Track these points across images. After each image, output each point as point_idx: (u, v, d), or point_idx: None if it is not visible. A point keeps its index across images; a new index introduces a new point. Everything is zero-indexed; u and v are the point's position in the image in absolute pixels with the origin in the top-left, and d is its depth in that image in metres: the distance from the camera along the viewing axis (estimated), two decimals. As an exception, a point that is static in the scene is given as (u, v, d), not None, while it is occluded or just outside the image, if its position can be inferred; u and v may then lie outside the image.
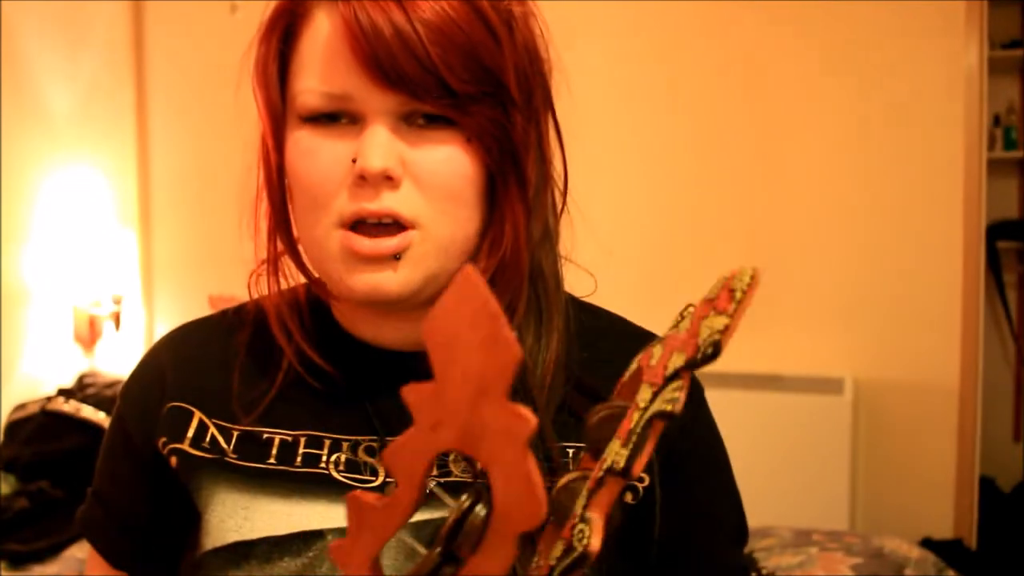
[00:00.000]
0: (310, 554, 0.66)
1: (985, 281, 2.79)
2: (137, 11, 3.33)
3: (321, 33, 0.64)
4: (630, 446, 0.45)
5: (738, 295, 0.45)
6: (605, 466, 0.45)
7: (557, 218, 0.73)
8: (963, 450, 2.69)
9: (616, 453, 0.45)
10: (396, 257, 0.64)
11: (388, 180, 0.63)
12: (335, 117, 0.65)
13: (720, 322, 0.45)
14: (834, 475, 2.61)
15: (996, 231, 3.31)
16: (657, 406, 0.45)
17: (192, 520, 0.71)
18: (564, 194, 0.73)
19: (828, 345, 2.79)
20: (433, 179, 0.64)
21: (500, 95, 0.65)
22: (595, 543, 0.45)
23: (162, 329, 3.31)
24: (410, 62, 0.61)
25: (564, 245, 0.74)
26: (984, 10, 2.65)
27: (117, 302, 3.20)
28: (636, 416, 0.46)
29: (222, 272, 0.78)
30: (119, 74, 3.28)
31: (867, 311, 2.76)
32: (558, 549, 0.46)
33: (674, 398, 0.45)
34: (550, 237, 0.72)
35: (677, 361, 0.46)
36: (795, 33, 2.79)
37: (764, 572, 2.07)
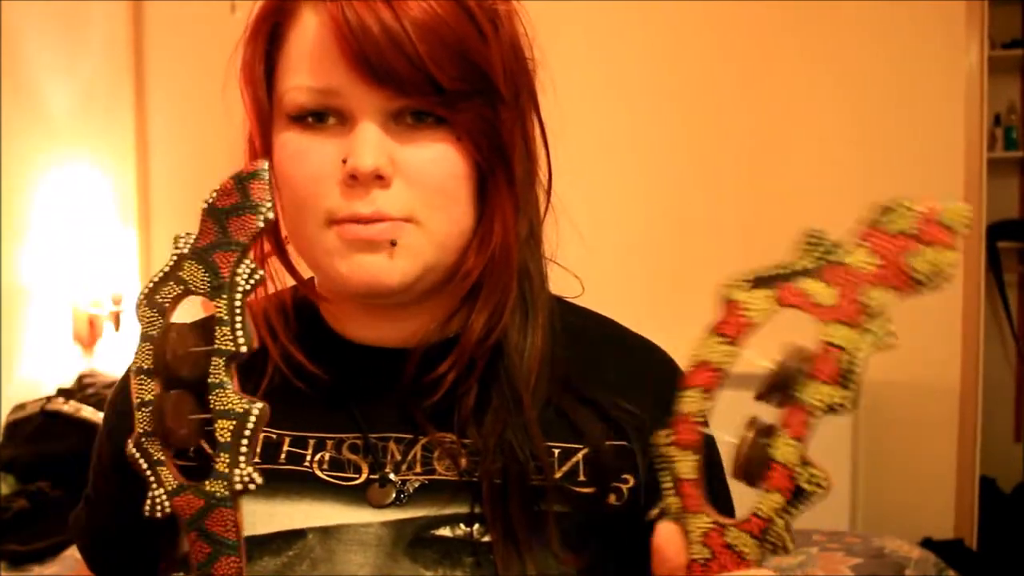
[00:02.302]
0: (290, 553, 0.66)
1: (985, 281, 2.78)
2: (137, 11, 3.32)
3: (308, 31, 0.64)
4: (851, 386, 0.49)
5: (960, 228, 0.48)
6: (820, 411, 0.50)
7: (541, 217, 0.73)
8: (963, 450, 2.69)
9: (828, 395, 0.49)
10: (393, 243, 0.64)
11: (379, 179, 0.63)
12: (322, 117, 0.64)
13: (948, 257, 0.48)
14: (834, 475, 2.59)
15: (996, 231, 3.31)
16: (872, 342, 0.49)
17: (169, 527, 0.71)
18: (548, 193, 0.74)
19: (828, 345, 2.78)
20: (424, 178, 0.64)
21: (488, 92, 0.65)
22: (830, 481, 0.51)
23: (162, 329, 3.30)
24: (399, 59, 0.61)
25: (549, 245, 0.74)
26: (984, 9, 2.65)
27: (117, 302, 3.20)
28: (846, 358, 0.49)
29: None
30: (118, 73, 3.28)
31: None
32: (775, 500, 0.51)
33: (890, 331, 0.49)
34: (535, 235, 0.72)
35: (883, 297, 0.50)
36: (794, 32, 2.79)
37: (764, 572, 2.06)
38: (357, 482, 0.68)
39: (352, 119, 0.64)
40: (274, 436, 0.70)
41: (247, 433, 0.56)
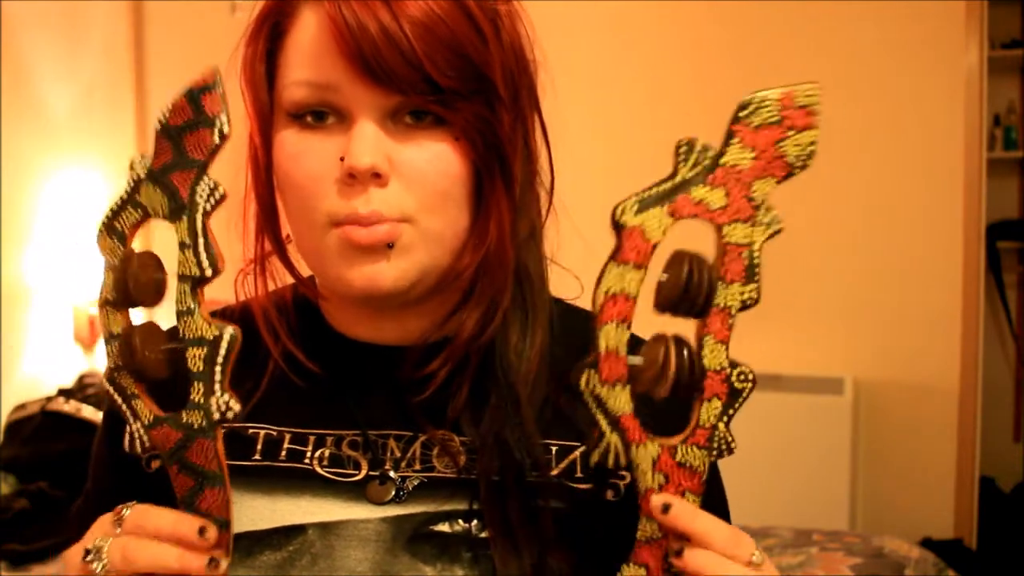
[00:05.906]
0: (290, 548, 0.66)
1: (985, 281, 2.79)
2: (137, 11, 3.33)
3: (308, 30, 0.65)
4: (756, 279, 0.52)
5: (815, 107, 0.52)
6: (735, 309, 0.53)
7: (542, 218, 0.73)
8: (963, 450, 2.69)
9: (740, 292, 0.53)
10: (389, 246, 0.64)
11: (376, 178, 0.63)
12: (321, 115, 0.65)
13: (811, 136, 0.52)
14: (834, 475, 2.61)
15: (996, 231, 3.31)
16: (764, 231, 0.53)
17: None
18: (550, 194, 0.74)
19: (828, 345, 2.79)
20: (421, 177, 0.64)
21: (487, 92, 0.65)
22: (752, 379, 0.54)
23: (162, 329, 3.30)
24: (395, 57, 0.61)
25: (550, 246, 0.74)
26: (984, 10, 2.65)
27: (117, 302, 3.20)
28: (747, 253, 0.53)
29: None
30: (119, 74, 3.28)
31: (867, 311, 2.76)
32: (714, 407, 0.53)
33: (776, 218, 0.53)
34: (535, 236, 0.72)
35: (764, 187, 0.53)
36: (794, 32, 2.79)
37: (764, 572, 2.06)
38: (357, 479, 0.69)
39: (350, 117, 0.64)
40: (275, 433, 0.71)
41: (220, 360, 0.54)
